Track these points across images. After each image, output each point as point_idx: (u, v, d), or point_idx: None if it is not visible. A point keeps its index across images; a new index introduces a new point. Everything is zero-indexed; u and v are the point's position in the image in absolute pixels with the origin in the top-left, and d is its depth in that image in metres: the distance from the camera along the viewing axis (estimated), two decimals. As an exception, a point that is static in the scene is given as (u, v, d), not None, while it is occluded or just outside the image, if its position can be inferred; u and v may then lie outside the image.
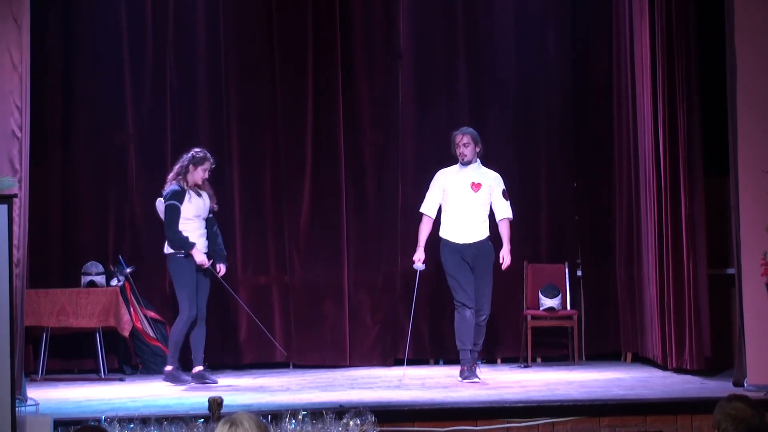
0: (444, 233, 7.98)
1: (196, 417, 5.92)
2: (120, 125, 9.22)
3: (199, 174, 7.94)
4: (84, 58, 9.19)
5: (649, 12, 8.08)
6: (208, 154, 8.02)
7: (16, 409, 5.79)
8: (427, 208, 8.08)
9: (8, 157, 6.81)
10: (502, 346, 9.08)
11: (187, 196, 7.89)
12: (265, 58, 9.24)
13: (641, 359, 8.70)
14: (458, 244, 7.88)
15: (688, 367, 7.71)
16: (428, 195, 8.09)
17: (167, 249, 7.93)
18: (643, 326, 8.53)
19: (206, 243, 8.02)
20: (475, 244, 7.88)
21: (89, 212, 9.15)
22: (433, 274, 8.78)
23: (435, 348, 9.18)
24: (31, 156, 7.17)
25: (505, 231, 7.97)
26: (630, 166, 8.76)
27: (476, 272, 7.87)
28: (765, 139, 7.06)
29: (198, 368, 7.90)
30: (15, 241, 6.07)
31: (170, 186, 7.95)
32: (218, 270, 8.03)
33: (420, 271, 8.12)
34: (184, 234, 7.86)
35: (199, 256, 7.86)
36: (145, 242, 9.13)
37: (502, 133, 9.26)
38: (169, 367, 7.91)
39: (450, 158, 8.43)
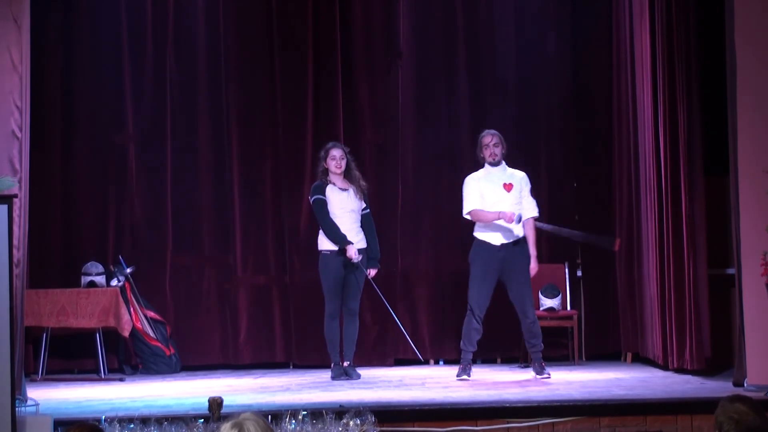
0: (480, 234, 7.91)
1: (196, 417, 5.91)
2: (120, 125, 9.22)
3: (331, 166, 8.01)
4: (84, 58, 9.20)
5: (649, 12, 8.08)
6: (331, 144, 8.12)
7: (16, 409, 5.78)
8: (473, 204, 7.88)
9: (8, 157, 6.80)
10: (502, 346, 9.06)
11: (328, 191, 7.99)
12: (265, 59, 9.24)
13: (641, 359, 8.70)
14: (495, 246, 7.84)
15: (688, 367, 7.71)
16: (469, 198, 7.91)
17: (319, 245, 8.03)
18: (643, 326, 8.52)
19: (360, 238, 8.05)
20: (511, 244, 7.85)
21: (89, 212, 9.15)
22: (434, 275, 8.77)
23: (435, 348, 9.18)
24: (31, 156, 7.16)
25: (531, 232, 7.94)
26: (630, 166, 8.76)
27: (513, 275, 7.83)
28: (765, 139, 7.04)
29: (345, 363, 8.08)
30: (15, 241, 6.06)
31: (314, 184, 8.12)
32: (368, 273, 8.10)
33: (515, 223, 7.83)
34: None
35: (351, 250, 7.89)
36: (145, 242, 9.14)
37: (502, 133, 9.21)
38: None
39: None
